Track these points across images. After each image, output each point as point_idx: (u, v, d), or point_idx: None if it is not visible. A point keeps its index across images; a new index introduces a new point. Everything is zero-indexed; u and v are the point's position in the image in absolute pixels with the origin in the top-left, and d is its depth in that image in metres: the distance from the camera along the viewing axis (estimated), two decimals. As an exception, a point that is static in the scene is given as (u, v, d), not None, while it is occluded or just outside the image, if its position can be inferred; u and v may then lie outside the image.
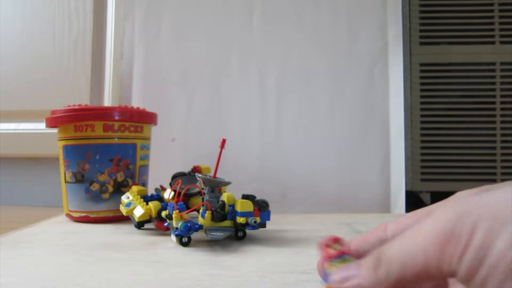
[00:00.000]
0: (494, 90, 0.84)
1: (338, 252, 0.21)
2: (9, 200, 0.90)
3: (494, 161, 0.85)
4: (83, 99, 0.84)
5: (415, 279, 0.17)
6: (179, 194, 0.47)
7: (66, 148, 0.60)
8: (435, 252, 0.16)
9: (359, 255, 0.21)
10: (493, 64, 0.84)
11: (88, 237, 0.49)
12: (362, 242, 0.22)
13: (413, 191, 0.87)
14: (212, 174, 0.46)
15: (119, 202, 0.54)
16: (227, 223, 0.46)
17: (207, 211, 0.45)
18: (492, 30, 0.84)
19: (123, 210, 0.52)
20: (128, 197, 0.53)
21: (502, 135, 0.86)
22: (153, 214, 0.50)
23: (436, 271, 0.16)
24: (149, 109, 0.66)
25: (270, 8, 0.83)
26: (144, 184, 0.64)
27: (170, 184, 0.58)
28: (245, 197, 0.47)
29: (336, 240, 0.22)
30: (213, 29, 0.84)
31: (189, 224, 0.42)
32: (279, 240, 0.47)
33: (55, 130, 0.62)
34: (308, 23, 0.83)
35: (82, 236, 0.50)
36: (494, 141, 0.85)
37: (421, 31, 0.85)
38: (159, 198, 0.55)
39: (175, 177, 0.59)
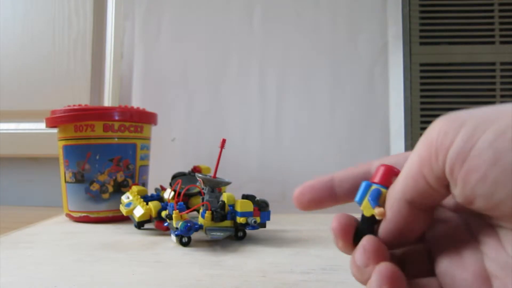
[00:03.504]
0: (494, 90, 0.84)
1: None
2: (9, 200, 0.90)
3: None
4: (83, 99, 0.84)
5: (416, 192, 0.17)
6: (179, 194, 0.47)
7: (66, 148, 0.60)
8: (427, 151, 0.16)
9: (344, 186, 0.21)
10: (493, 64, 0.84)
11: (88, 237, 0.49)
12: (346, 175, 0.22)
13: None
14: (212, 174, 0.46)
15: (119, 202, 0.54)
16: (227, 223, 0.46)
17: (207, 211, 0.45)
18: (492, 30, 0.84)
19: (123, 210, 0.52)
20: (128, 197, 0.53)
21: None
22: (153, 214, 0.50)
23: (430, 175, 0.16)
24: (149, 109, 0.66)
25: (270, 8, 0.83)
26: (144, 184, 0.64)
27: (170, 184, 0.58)
28: (245, 197, 0.47)
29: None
30: (213, 29, 0.84)
31: (189, 224, 0.42)
32: (279, 240, 0.47)
33: (55, 130, 0.62)
34: (308, 23, 0.83)
35: (82, 236, 0.50)
36: (494, 141, 0.85)
37: (421, 31, 0.85)
38: (159, 198, 0.55)
39: (175, 177, 0.59)
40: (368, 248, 0.18)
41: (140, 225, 0.51)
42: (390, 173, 0.20)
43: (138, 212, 0.50)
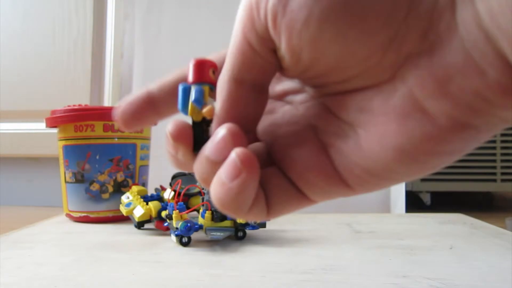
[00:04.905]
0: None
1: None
2: (9, 200, 0.90)
3: (494, 161, 0.85)
4: (83, 99, 0.84)
5: (243, 64, 0.16)
6: (179, 194, 0.47)
7: (66, 148, 0.60)
8: (246, 12, 0.15)
9: (163, 96, 0.19)
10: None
11: (88, 237, 0.49)
12: (163, 82, 0.20)
13: (413, 191, 0.87)
14: (212, 174, 0.46)
15: (119, 202, 0.54)
16: (227, 223, 0.46)
17: (207, 211, 0.45)
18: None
19: (123, 210, 0.52)
20: (128, 197, 0.53)
21: (502, 135, 0.86)
22: (153, 214, 0.50)
23: (253, 36, 0.15)
24: (149, 109, 0.66)
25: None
26: (144, 184, 0.64)
27: (170, 184, 0.58)
28: (245, 197, 0.47)
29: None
30: (213, 29, 0.84)
31: (189, 224, 0.42)
32: (279, 240, 0.47)
33: (55, 130, 0.62)
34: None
35: (82, 236, 0.50)
36: (494, 141, 0.85)
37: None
38: (159, 198, 0.55)
39: (175, 177, 0.59)
40: (223, 137, 0.16)
41: (140, 225, 0.51)
42: (204, 66, 0.17)
43: (138, 212, 0.50)
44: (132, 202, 0.52)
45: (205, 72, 0.17)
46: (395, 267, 0.36)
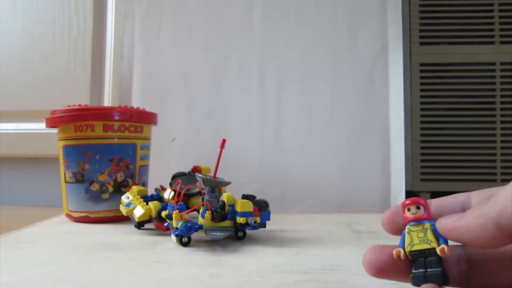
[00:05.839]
0: (494, 90, 0.84)
1: (414, 218, 0.21)
2: (9, 200, 0.90)
3: (494, 161, 0.85)
4: (83, 99, 0.84)
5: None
6: (179, 194, 0.47)
7: (66, 148, 0.60)
8: None
9: (437, 216, 0.21)
10: (493, 64, 0.84)
11: (88, 237, 0.49)
12: (444, 202, 0.22)
13: (413, 191, 0.87)
14: (212, 174, 0.46)
15: (119, 202, 0.54)
16: (227, 223, 0.46)
17: (207, 211, 0.45)
18: (492, 30, 0.84)
19: (123, 210, 0.52)
20: (128, 197, 0.53)
21: (502, 135, 0.86)
22: (153, 214, 0.50)
23: None
24: (149, 109, 0.66)
25: (270, 8, 0.83)
26: (144, 184, 0.64)
27: (170, 184, 0.58)
28: (245, 197, 0.47)
29: (416, 202, 0.22)
30: (213, 29, 0.84)
31: (189, 224, 0.42)
32: (279, 240, 0.47)
33: (55, 130, 0.62)
34: (308, 23, 0.83)
35: (82, 236, 0.50)
36: (494, 141, 0.85)
37: (421, 31, 0.85)
38: (159, 198, 0.55)
39: (175, 177, 0.59)
40: None
41: (140, 225, 0.51)
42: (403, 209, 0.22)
43: (138, 212, 0.50)
44: (132, 202, 0.52)
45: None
46: (395, 267, 0.36)
